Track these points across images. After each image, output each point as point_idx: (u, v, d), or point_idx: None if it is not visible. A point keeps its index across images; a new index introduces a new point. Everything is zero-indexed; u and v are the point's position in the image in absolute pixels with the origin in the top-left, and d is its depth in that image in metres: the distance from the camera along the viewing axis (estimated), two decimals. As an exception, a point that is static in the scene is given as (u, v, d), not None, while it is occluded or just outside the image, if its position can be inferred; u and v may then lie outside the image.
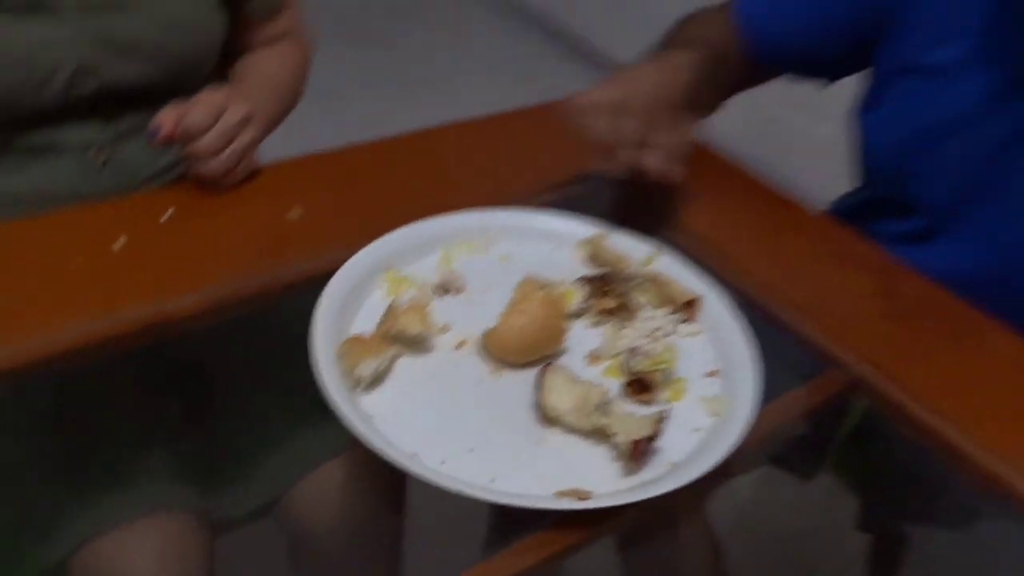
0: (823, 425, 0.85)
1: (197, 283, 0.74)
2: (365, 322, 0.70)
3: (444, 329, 0.70)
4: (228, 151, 0.81)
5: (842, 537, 1.16)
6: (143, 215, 0.80)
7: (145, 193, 0.89)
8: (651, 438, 0.60)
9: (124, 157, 0.91)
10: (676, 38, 0.95)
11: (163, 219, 0.80)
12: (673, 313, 0.73)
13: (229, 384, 0.90)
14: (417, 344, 0.68)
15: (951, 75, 0.84)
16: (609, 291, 0.72)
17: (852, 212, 0.99)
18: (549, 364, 0.65)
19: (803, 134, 2.37)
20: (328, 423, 0.60)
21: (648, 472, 0.61)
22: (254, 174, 0.86)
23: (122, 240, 0.77)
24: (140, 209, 0.81)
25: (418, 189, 0.88)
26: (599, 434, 0.62)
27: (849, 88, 0.97)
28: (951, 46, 0.83)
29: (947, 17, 0.83)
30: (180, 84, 0.91)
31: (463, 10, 3.45)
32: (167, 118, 0.79)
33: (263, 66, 1.01)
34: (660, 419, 0.61)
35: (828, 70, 0.98)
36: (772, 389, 0.67)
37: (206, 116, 0.79)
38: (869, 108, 0.93)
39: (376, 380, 0.65)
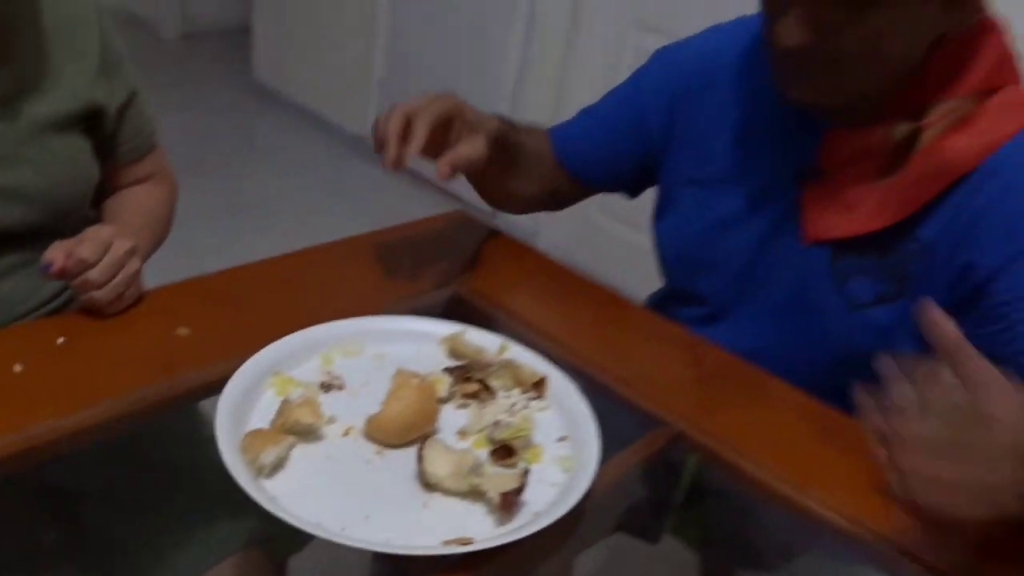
0: (663, 487, 1.00)
1: (96, 399, 0.81)
2: (259, 419, 0.79)
3: (331, 420, 0.81)
4: (116, 280, 0.89)
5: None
6: (37, 341, 0.87)
7: (35, 321, 0.95)
8: (518, 491, 0.73)
9: (3, 294, 0.97)
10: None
11: (58, 343, 0.87)
12: (525, 392, 0.86)
13: (114, 505, 0.95)
14: (310, 433, 0.78)
15: (716, 186, 1.05)
16: (470, 378, 0.85)
17: (660, 304, 1.18)
18: (426, 440, 0.77)
19: (620, 240, 2.64)
20: (213, 534, 0.66)
21: (517, 521, 0.73)
22: (139, 299, 0.94)
23: (19, 367, 0.83)
24: (34, 336, 0.88)
25: (292, 304, 0.99)
26: (474, 493, 0.74)
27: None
28: (712, 164, 1.05)
29: (706, 142, 1.05)
30: (59, 225, 0.99)
31: (304, 140, 3.61)
32: (58, 253, 0.87)
33: (137, 203, 1.11)
34: (523, 474, 0.74)
35: (626, 187, 1.18)
36: (612, 447, 0.82)
37: (95, 250, 0.87)
38: (659, 217, 1.13)
39: (277, 466, 0.74)
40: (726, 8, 1.15)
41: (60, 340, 0.87)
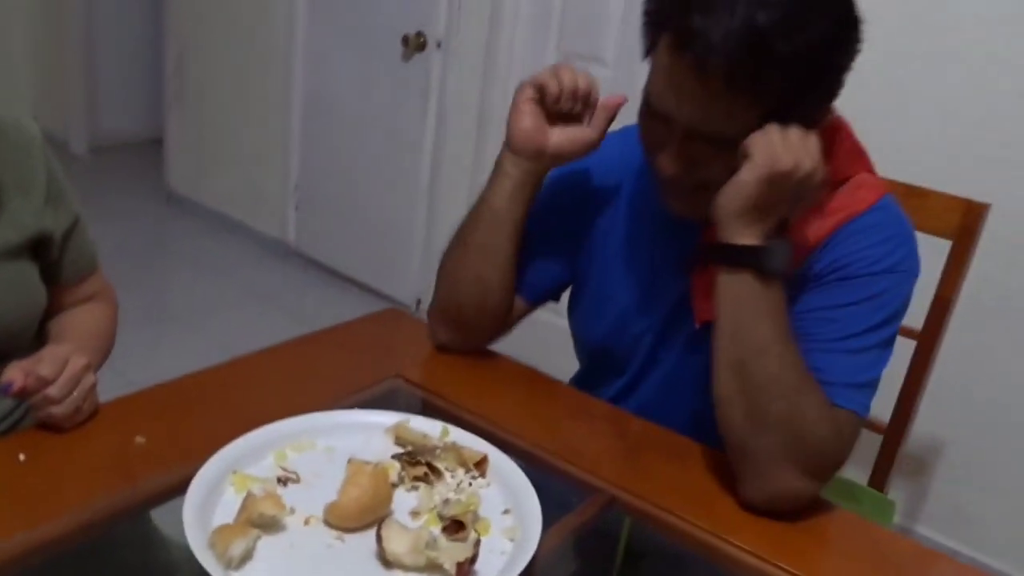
0: (602, 551, 1.08)
1: (60, 511, 0.86)
2: (223, 516, 0.85)
3: (292, 511, 0.87)
4: (74, 395, 0.94)
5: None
6: None
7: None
8: (472, 560, 0.80)
9: None
10: None
11: (20, 460, 0.91)
12: (468, 472, 0.94)
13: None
14: (273, 525, 0.84)
15: (616, 283, 1.17)
16: (418, 461, 0.93)
17: (581, 381, 1.29)
18: (383, 521, 0.84)
19: (539, 323, 2.75)
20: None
21: None
22: (95, 412, 0.99)
23: (-17, 484, 0.87)
24: (-4, 455, 0.92)
25: (241, 407, 1.05)
26: (431, 567, 0.81)
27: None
28: (610, 263, 1.18)
29: (604, 245, 1.18)
30: (10, 348, 1.04)
31: (222, 245, 3.65)
32: (17, 373, 0.91)
33: (83, 322, 1.16)
34: (476, 544, 0.82)
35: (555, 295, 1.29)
36: (553, 515, 0.90)
37: (53, 367, 0.93)
38: (572, 311, 1.26)
39: (244, 558, 0.80)
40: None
41: (21, 457, 0.92)
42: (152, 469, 0.94)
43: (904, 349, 1.26)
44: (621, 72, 2.57)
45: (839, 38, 0.93)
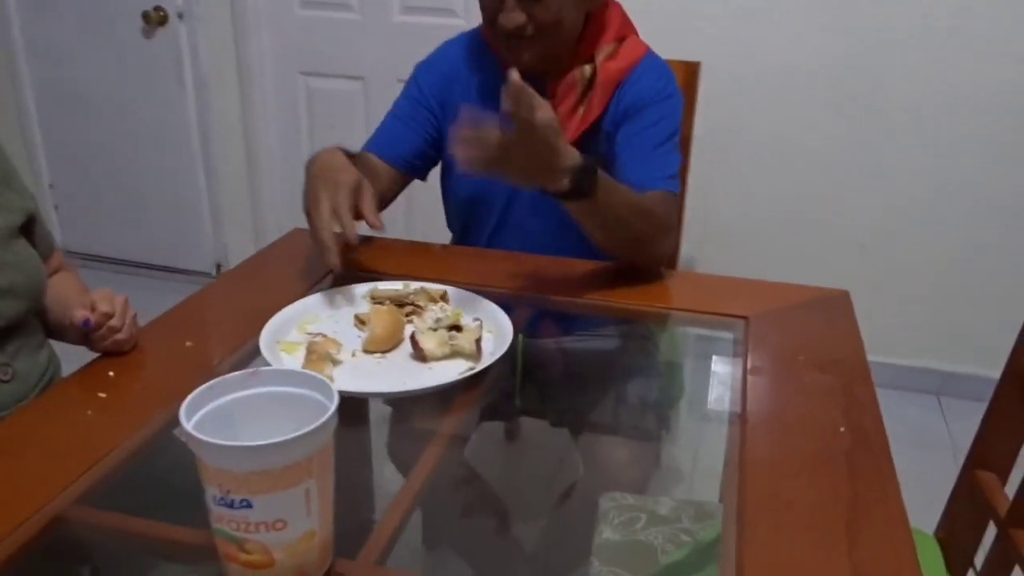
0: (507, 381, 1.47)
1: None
2: (293, 365, 1.20)
3: (342, 345, 1.22)
4: (128, 322, 1.22)
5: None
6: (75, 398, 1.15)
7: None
8: (478, 341, 1.23)
9: (19, 372, 1.24)
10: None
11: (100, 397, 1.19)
12: (437, 303, 1.34)
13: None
14: (333, 360, 1.19)
15: None
16: (403, 303, 1.32)
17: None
18: (414, 332, 1.23)
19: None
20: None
21: (483, 358, 1.22)
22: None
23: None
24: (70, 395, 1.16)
25: (240, 319, 1.37)
26: (456, 352, 1.20)
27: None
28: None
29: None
30: (24, 318, 1.27)
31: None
32: (86, 312, 1.16)
33: (71, 281, 1.41)
34: (480, 327, 1.24)
35: (424, 169, 1.70)
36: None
37: (110, 304, 1.19)
38: (444, 177, 1.70)
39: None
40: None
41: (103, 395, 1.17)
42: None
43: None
44: (368, 16, 2.95)
45: None
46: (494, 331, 1.27)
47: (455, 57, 1.65)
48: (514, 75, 1.15)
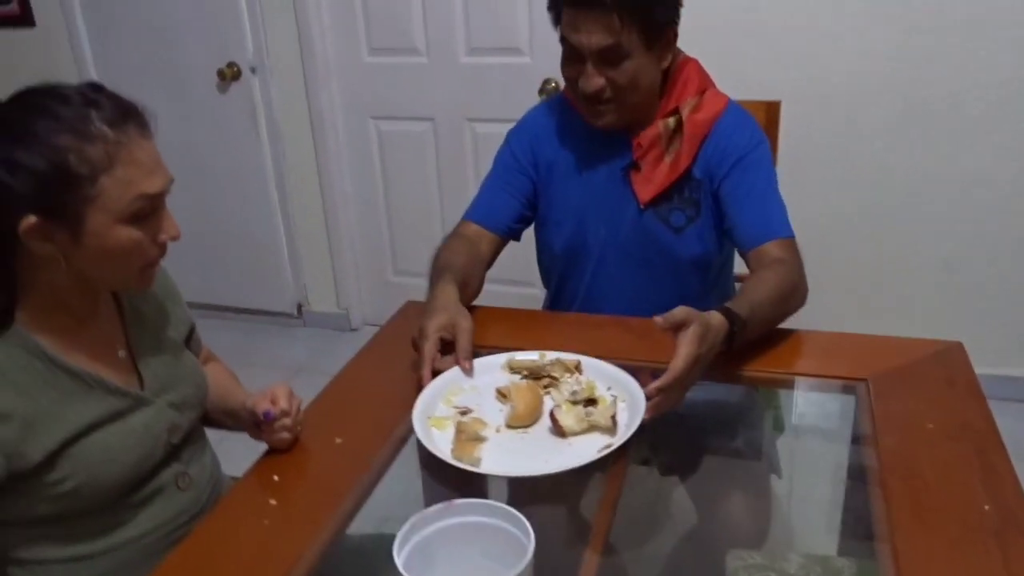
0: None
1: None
2: (443, 443, 1.28)
3: (487, 424, 1.32)
4: (295, 421, 1.31)
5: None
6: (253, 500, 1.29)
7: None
8: (613, 416, 1.31)
9: (194, 478, 1.32)
10: (440, 264, 1.67)
11: (275, 480, 1.29)
12: (572, 374, 1.43)
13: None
14: (481, 438, 1.29)
15: (569, 199, 1.74)
16: (541, 375, 1.42)
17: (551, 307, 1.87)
18: (552, 409, 1.32)
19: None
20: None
21: (619, 432, 1.30)
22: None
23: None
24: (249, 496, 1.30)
25: (383, 405, 1.47)
26: (592, 427, 1.29)
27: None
28: (566, 186, 1.74)
29: (560, 176, 1.75)
30: (197, 416, 1.35)
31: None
32: (267, 404, 1.27)
33: (227, 372, 1.51)
34: (614, 403, 1.32)
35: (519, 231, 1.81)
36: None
37: (288, 400, 1.29)
38: (540, 231, 1.81)
39: (480, 459, 1.26)
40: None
41: (275, 478, 1.26)
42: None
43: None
44: (435, 59, 3.05)
45: None
46: (627, 400, 1.36)
47: (542, 119, 1.79)
48: (657, 321, 1.26)
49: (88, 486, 1.14)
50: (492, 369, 1.47)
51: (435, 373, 1.41)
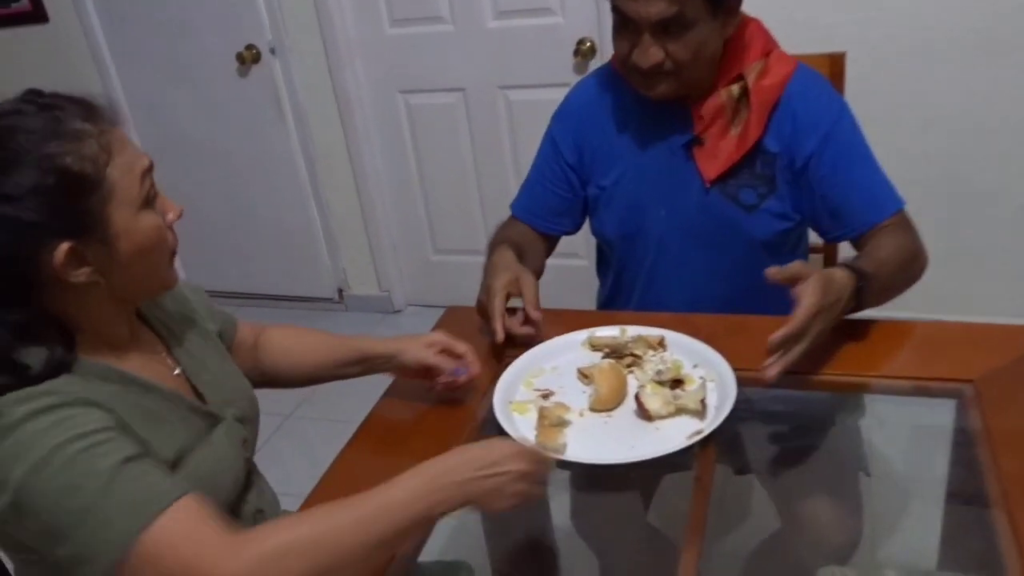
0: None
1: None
2: (527, 429, 1.23)
3: (571, 408, 1.26)
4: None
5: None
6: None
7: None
8: (703, 400, 1.23)
9: (267, 515, 1.23)
10: (494, 240, 1.62)
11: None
12: (656, 351, 1.35)
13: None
14: (564, 423, 1.23)
15: (627, 178, 1.60)
16: (623, 355, 1.34)
17: (609, 301, 1.76)
18: (638, 391, 1.25)
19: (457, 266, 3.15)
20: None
21: (708, 416, 1.21)
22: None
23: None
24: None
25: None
26: (680, 410, 1.22)
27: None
28: (619, 165, 1.60)
29: (610, 154, 1.60)
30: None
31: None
32: (448, 362, 1.31)
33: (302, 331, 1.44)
34: (703, 386, 1.24)
35: (572, 223, 1.71)
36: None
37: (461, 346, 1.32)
38: (593, 217, 1.68)
39: (565, 445, 1.19)
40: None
41: None
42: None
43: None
44: (460, 26, 2.95)
45: None
46: (716, 380, 1.28)
47: (586, 96, 1.66)
48: (771, 272, 1.20)
49: None
50: (572, 347, 1.41)
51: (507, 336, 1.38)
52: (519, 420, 1.26)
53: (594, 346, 1.40)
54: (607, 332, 1.41)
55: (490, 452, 1.00)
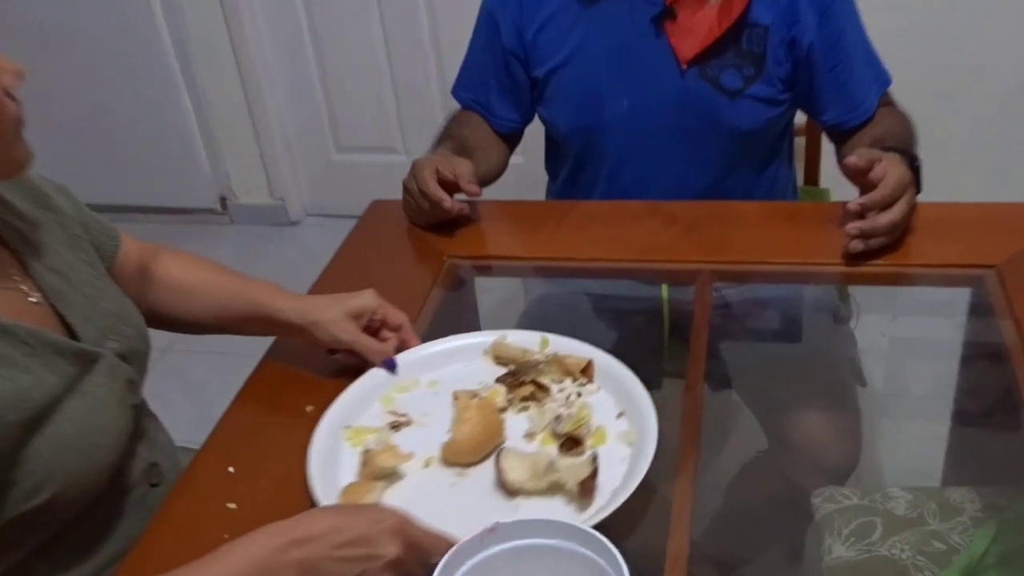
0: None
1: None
2: (347, 474, 0.89)
3: (412, 455, 0.90)
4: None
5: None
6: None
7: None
8: (592, 476, 0.84)
9: (164, 470, 1.04)
10: (436, 140, 1.43)
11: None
12: (575, 380, 0.98)
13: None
14: (395, 474, 0.88)
15: (580, 60, 1.36)
16: (523, 381, 0.97)
17: (566, 189, 1.51)
18: (500, 451, 0.88)
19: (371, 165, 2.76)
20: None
21: (597, 502, 0.84)
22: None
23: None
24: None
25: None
26: (554, 488, 0.85)
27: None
28: (567, 45, 1.36)
29: (556, 33, 1.37)
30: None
31: None
32: (377, 347, 1.04)
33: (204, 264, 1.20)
34: (593, 460, 0.86)
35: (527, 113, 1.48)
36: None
37: (397, 317, 1.07)
38: (543, 105, 1.44)
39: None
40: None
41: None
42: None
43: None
44: None
45: None
46: (635, 443, 0.91)
47: None
48: (850, 160, 1.13)
49: (68, 491, 0.86)
50: (470, 355, 1.06)
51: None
52: (346, 453, 0.93)
53: (498, 358, 1.04)
54: (521, 338, 1.05)
55: (358, 523, 0.76)
